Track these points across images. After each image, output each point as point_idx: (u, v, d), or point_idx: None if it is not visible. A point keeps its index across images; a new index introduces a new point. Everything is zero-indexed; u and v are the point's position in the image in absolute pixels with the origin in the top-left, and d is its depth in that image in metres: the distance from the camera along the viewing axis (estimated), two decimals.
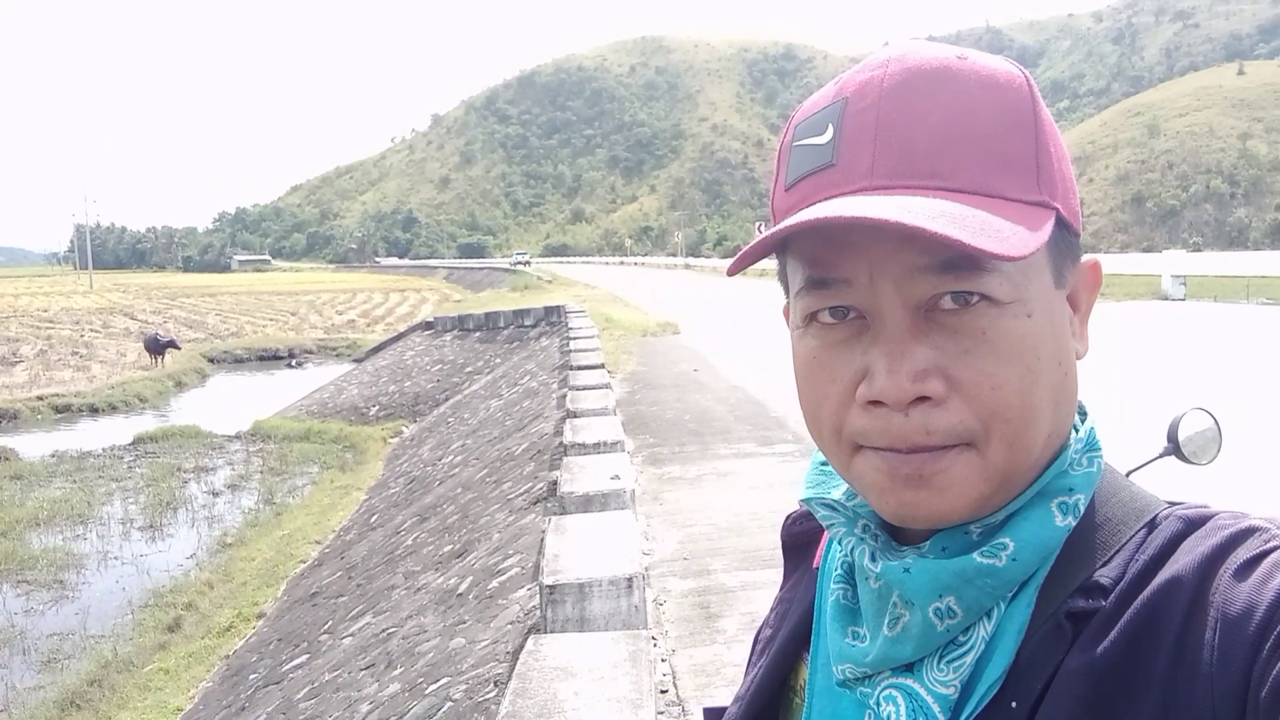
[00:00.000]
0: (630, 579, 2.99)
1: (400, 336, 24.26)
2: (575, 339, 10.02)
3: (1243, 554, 0.52)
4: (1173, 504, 0.59)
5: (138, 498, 11.15)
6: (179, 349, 23.51)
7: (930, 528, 0.58)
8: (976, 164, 0.55)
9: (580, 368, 7.60)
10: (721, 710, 0.73)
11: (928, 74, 0.57)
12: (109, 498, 11.20)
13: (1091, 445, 0.61)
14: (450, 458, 9.32)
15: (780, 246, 0.60)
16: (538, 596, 3.09)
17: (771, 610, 0.75)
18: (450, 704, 3.27)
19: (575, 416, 5.56)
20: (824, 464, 0.67)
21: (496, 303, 25.30)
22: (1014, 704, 0.54)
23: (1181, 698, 0.49)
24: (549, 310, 15.20)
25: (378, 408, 15.90)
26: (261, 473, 12.27)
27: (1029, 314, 0.56)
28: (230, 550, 8.96)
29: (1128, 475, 0.65)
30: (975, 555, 0.57)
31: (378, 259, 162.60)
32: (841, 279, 0.56)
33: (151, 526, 10.07)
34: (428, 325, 22.91)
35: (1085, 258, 0.63)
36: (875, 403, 0.55)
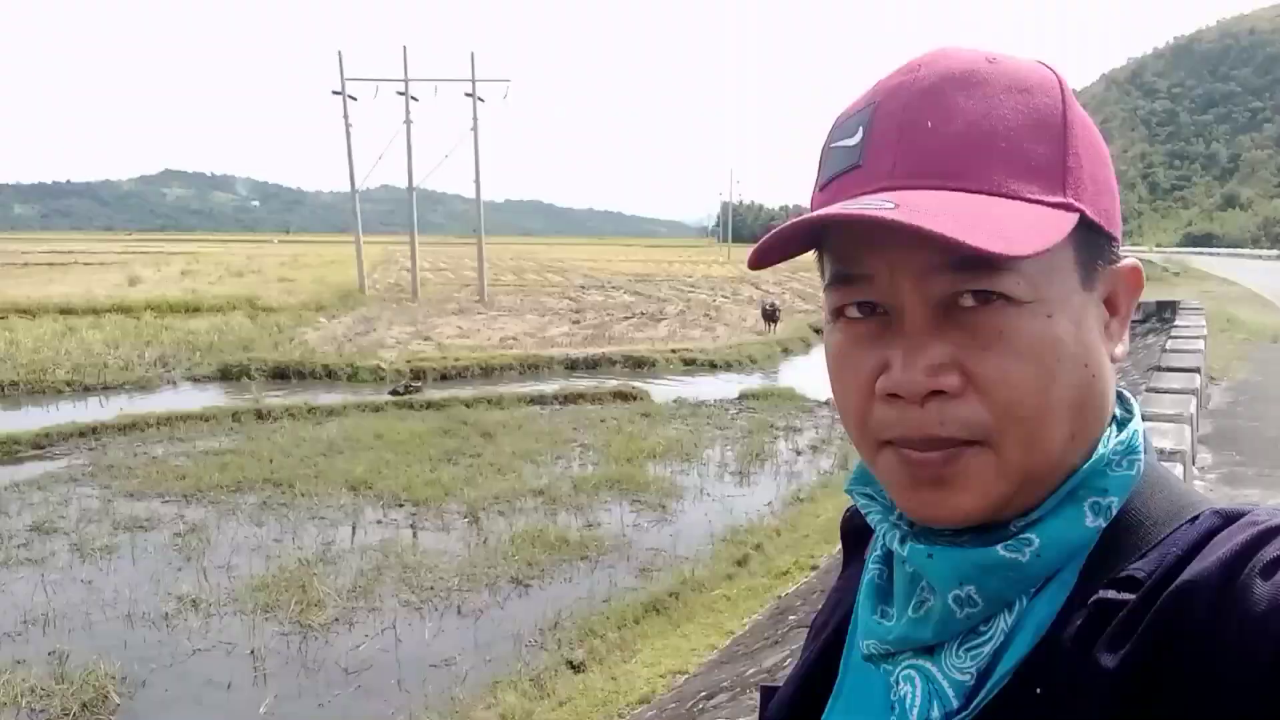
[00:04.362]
0: None
1: None
2: (1175, 338, 8.99)
3: (1270, 551, 0.50)
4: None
5: (734, 446, 12.55)
6: (777, 320, 25.38)
7: (952, 527, 0.60)
8: (997, 166, 0.56)
9: (1167, 369, 6.86)
10: (776, 688, 0.76)
11: (955, 78, 0.58)
12: (711, 443, 12.75)
13: (1132, 449, 0.61)
14: None
15: (817, 242, 0.63)
16: None
17: (827, 599, 0.78)
18: None
19: (1144, 420, 5.14)
20: None
21: None
22: (1039, 691, 0.55)
23: (1205, 695, 0.48)
24: (1161, 305, 13.69)
25: None
26: (842, 438, 12.96)
27: (1049, 314, 0.56)
28: (800, 505, 9.72)
29: None
30: (999, 548, 0.58)
31: None
32: (864, 275, 0.59)
33: (740, 473, 11.31)
34: None
35: (1124, 260, 0.61)
36: (894, 395, 0.57)
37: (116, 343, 19.87)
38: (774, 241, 0.59)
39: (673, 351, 20.87)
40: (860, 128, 0.60)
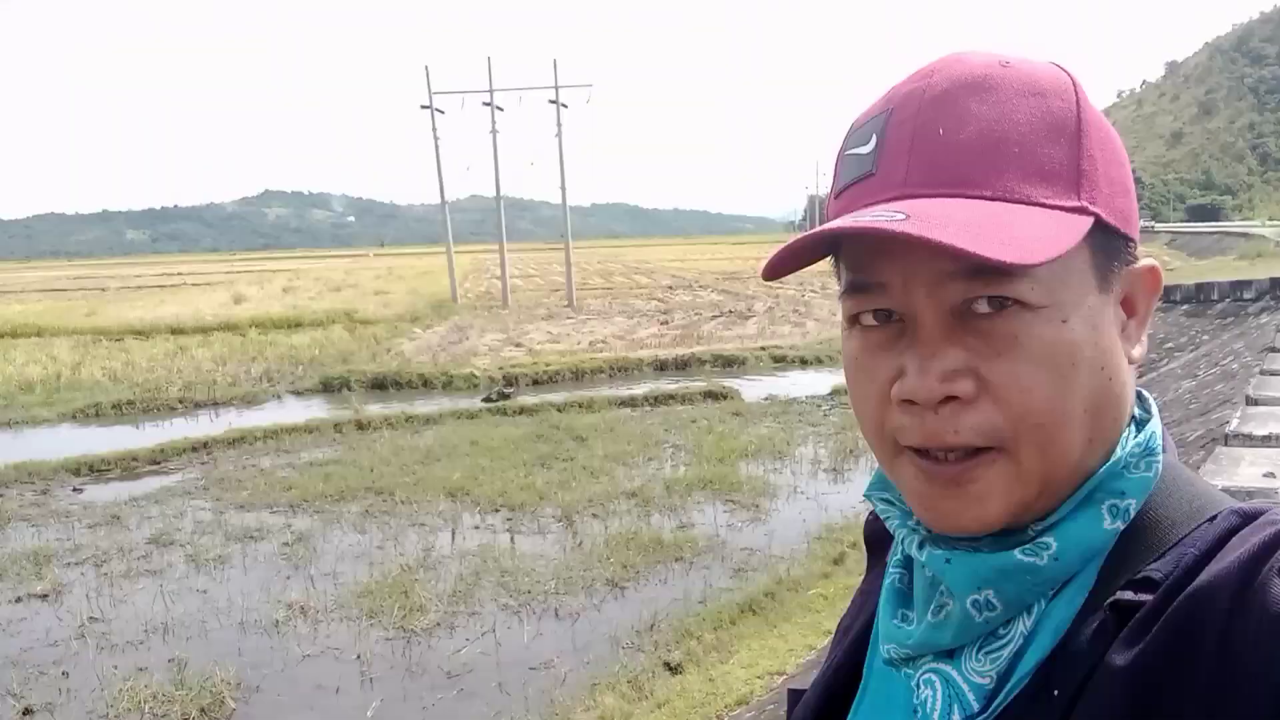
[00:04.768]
0: None
1: None
2: None
3: None
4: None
5: (826, 442, 12.41)
6: None
7: (972, 535, 0.59)
8: (1011, 171, 0.56)
9: None
10: (803, 692, 0.76)
11: (968, 84, 0.58)
12: (804, 440, 12.64)
13: (1150, 450, 0.60)
14: None
15: (832, 251, 0.62)
16: None
17: (853, 602, 0.78)
18: None
19: (1254, 404, 4.90)
20: None
21: (1216, 272, 22.44)
22: (1056, 692, 0.54)
23: (1226, 697, 0.48)
24: (1274, 283, 13.04)
25: None
26: None
27: (1064, 319, 0.56)
28: None
29: None
30: (1016, 552, 0.58)
31: None
32: (877, 283, 0.59)
33: (834, 469, 11.18)
34: None
35: (1143, 262, 0.60)
36: (909, 401, 0.58)
37: (224, 359, 20.70)
38: (787, 252, 0.59)
39: (762, 349, 20.75)
40: (873, 135, 0.60)
